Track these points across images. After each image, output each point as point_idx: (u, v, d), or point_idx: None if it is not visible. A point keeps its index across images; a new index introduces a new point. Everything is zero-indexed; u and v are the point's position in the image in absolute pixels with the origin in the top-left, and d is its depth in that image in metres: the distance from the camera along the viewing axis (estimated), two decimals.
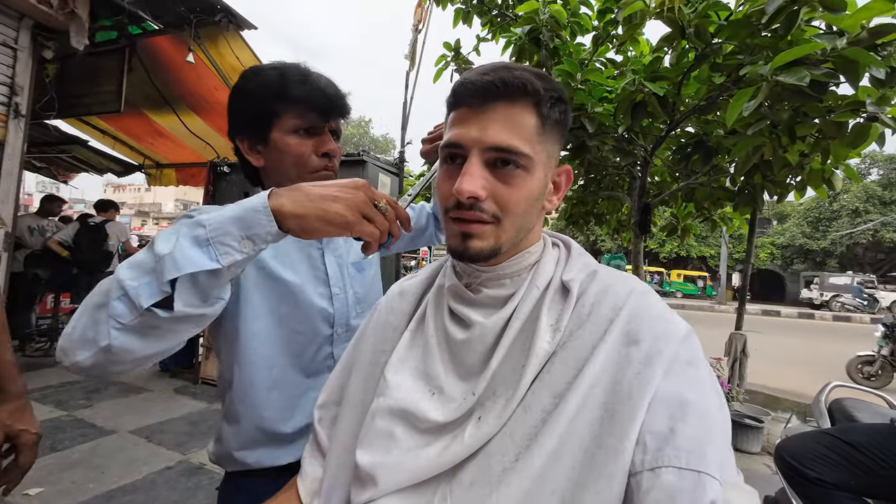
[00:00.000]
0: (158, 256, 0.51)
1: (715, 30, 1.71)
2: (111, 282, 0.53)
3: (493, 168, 0.50)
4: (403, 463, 0.50)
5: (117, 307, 0.51)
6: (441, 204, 0.54)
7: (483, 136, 0.49)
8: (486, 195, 0.49)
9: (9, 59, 3.12)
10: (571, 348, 0.48)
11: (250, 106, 0.79)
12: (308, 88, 0.78)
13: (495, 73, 0.49)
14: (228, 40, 3.85)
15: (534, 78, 0.50)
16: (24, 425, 0.85)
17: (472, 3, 2.77)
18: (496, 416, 0.48)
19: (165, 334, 0.55)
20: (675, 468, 0.39)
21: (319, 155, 0.80)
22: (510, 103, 0.49)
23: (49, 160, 6.47)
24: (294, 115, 0.77)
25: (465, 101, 0.51)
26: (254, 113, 0.78)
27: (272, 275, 0.80)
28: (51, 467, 2.42)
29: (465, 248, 0.51)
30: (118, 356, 0.53)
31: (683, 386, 0.44)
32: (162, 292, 0.51)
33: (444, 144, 0.53)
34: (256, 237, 0.54)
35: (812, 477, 1.41)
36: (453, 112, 0.53)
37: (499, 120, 0.49)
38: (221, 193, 5.01)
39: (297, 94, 0.77)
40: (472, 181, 0.48)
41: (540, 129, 0.51)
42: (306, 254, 0.86)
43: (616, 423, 0.42)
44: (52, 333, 4.71)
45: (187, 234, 0.52)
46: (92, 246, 4.47)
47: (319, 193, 0.55)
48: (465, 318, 0.56)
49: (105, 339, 0.51)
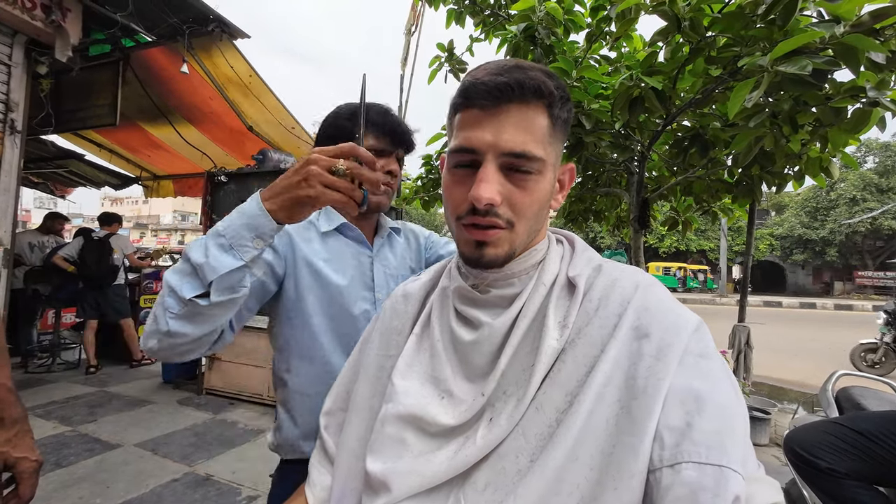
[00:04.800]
0: (197, 264, 0.64)
1: (709, 23, 1.71)
2: (163, 286, 0.68)
3: (508, 172, 0.49)
4: (415, 468, 0.49)
5: (169, 302, 0.65)
6: (452, 211, 0.52)
7: (499, 140, 0.47)
8: (501, 200, 0.48)
9: (3, 76, 3.12)
10: (581, 345, 0.48)
11: (337, 124, 0.94)
12: (385, 119, 0.93)
13: (509, 74, 0.47)
14: (222, 50, 3.85)
15: (546, 78, 0.49)
16: (22, 453, 0.81)
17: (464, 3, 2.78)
18: (507, 416, 0.47)
19: (207, 319, 0.67)
20: (696, 463, 0.38)
21: (384, 172, 0.93)
22: (524, 105, 0.48)
23: (46, 175, 6.47)
24: (371, 136, 0.92)
25: (477, 102, 0.49)
26: (339, 131, 0.92)
27: (323, 278, 0.90)
28: (56, 484, 2.41)
29: (481, 255, 0.50)
30: (176, 339, 0.67)
31: (697, 379, 0.43)
32: (202, 287, 0.64)
33: (455, 148, 0.51)
34: (264, 234, 0.65)
35: (823, 467, 1.40)
36: (462, 113, 0.51)
37: (513, 123, 0.48)
38: (219, 203, 5.01)
39: (377, 121, 0.92)
40: (489, 188, 0.47)
41: (551, 129, 0.50)
42: (357, 260, 0.96)
43: (632, 420, 0.42)
44: (54, 349, 4.70)
45: (213, 244, 0.65)
46: (98, 261, 4.46)
47: (284, 184, 0.64)
48: (472, 319, 0.55)
49: (165, 325, 0.65)
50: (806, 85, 1.26)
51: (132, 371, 4.68)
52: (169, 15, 3.45)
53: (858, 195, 20.68)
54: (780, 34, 1.41)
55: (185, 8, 3.43)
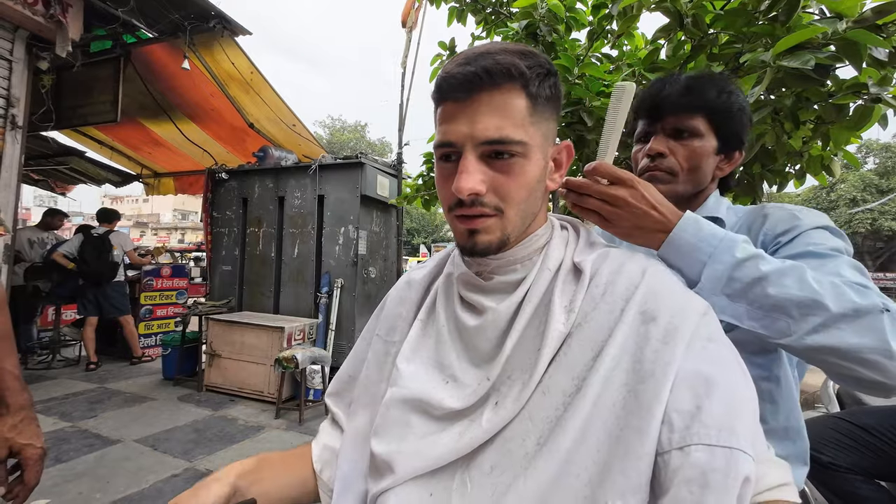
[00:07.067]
0: None
1: (711, 19, 1.71)
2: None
3: (490, 160, 0.49)
4: (420, 450, 0.49)
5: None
6: (444, 204, 0.53)
7: (473, 130, 0.48)
8: (486, 189, 0.48)
9: (4, 71, 3.12)
10: (588, 329, 0.48)
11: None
12: (640, 102, 0.87)
13: (476, 63, 0.47)
14: (223, 46, 3.85)
15: (517, 59, 0.48)
16: (27, 440, 0.81)
17: (465, 1, 2.77)
18: (513, 399, 0.47)
19: None
20: (706, 445, 0.38)
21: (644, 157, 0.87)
22: (495, 90, 0.48)
23: (47, 172, 6.47)
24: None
25: (450, 95, 0.49)
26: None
27: None
28: (57, 479, 2.41)
29: (474, 243, 0.51)
30: None
31: (705, 362, 0.43)
32: None
33: (437, 144, 0.51)
34: None
35: (825, 462, 1.40)
36: (440, 107, 0.51)
37: (487, 111, 0.47)
38: (220, 200, 5.02)
39: (635, 107, 0.87)
40: (469, 178, 0.47)
41: (531, 110, 0.49)
42: None
43: (640, 403, 0.42)
44: (54, 346, 4.70)
45: None
46: (98, 258, 4.47)
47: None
48: (477, 304, 0.55)
49: None
50: (808, 80, 1.26)
51: (132, 368, 4.68)
52: (170, 11, 3.46)
53: (858, 196, 20.71)
54: (782, 31, 1.41)
55: (187, 4, 3.44)
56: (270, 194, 4.71)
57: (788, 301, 0.56)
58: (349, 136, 29.06)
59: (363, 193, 4.32)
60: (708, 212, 0.83)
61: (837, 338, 0.54)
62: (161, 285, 5.30)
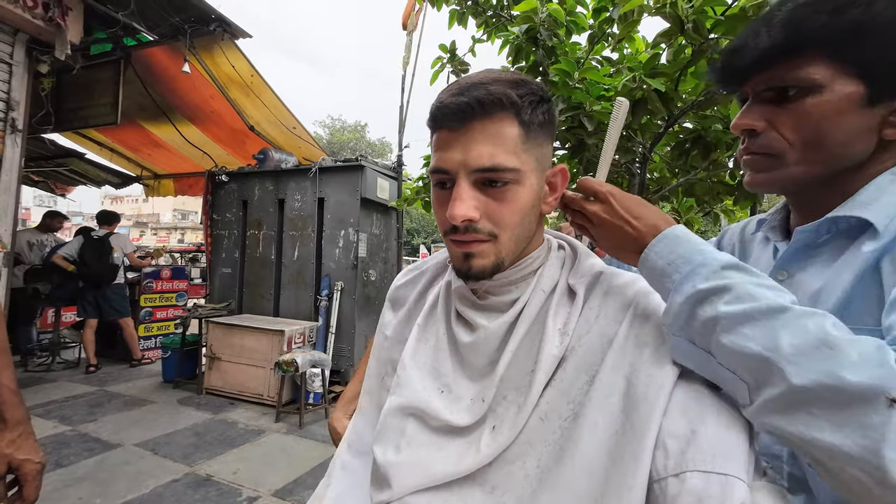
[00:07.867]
0: None
1: (712, 25, 1.71)
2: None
3: (483, 186, 0.50)
4: (417, 464, 0.50)
5: None
6: (440, 228, 0.55)
7: (467, 158, 0.49)
8: (479, 215, 0.49)
9: (4, 75, 3.12)
10: (582, 352, 0.49)
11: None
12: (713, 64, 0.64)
13: (469, 93, 0.48)
14: (223, 49, 3.85)
15: (508, 89, 0.49)
16: (26, 455, 0.81)
17: (466, 4, 2.77)
18: (510, 425, 0.48)
19: None
20: (701, 472, 0.38)
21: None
22: (488, 119, 0.49)
23: (46, 174, 6.47)
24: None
25: (444, 123, 0.50)
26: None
27: None
28: (57, 484, 2.40)
29: (469, 267, 0.52)
30: None
31: (698, 385, 0.43)
32: None
33: (431, 170, 0.53)
34: None
35: None
36: (435, 134, 0.53)
37: (480, 139, 0.48)
38: (220, 202, 5.01)
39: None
40: (462, 205, 0.48)
41: (524, 136, 0.50)
42: None
43: (634, 428, 0.42)
44: (53, 348, 4.70)
45: None
46: (98, 260, 4.47)
47: None
48: (470, 321, 0.56)
49: None
50: None
51: (132, 370, 4.68)
52: (171, 14, 3.46)
53: None
54: None
55: (187, 7, 3.43)
56: (270, 197, 4.71)
57: (741, 357, 0.40)
58: (349, 136, 29.05)
59: (363, 196, 4.32)
60: (856, 208, 0.53)
61: (802, 426, 0.36)
62: (161, 287, 5.30)
